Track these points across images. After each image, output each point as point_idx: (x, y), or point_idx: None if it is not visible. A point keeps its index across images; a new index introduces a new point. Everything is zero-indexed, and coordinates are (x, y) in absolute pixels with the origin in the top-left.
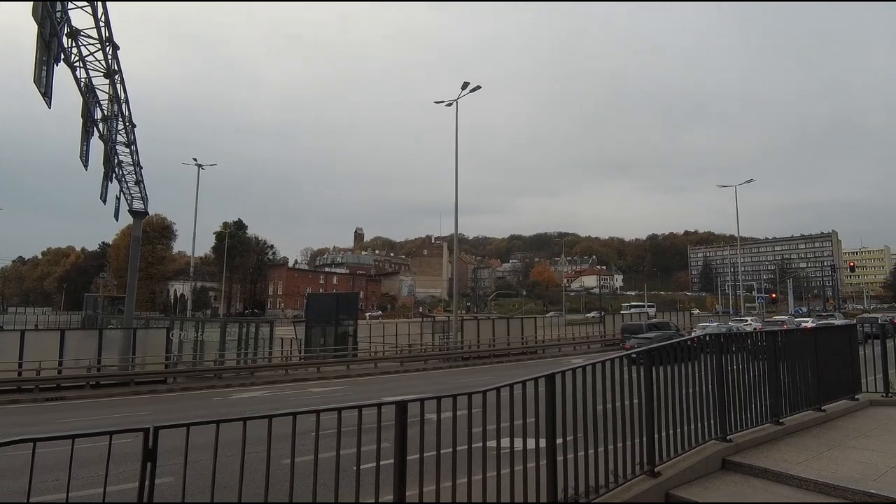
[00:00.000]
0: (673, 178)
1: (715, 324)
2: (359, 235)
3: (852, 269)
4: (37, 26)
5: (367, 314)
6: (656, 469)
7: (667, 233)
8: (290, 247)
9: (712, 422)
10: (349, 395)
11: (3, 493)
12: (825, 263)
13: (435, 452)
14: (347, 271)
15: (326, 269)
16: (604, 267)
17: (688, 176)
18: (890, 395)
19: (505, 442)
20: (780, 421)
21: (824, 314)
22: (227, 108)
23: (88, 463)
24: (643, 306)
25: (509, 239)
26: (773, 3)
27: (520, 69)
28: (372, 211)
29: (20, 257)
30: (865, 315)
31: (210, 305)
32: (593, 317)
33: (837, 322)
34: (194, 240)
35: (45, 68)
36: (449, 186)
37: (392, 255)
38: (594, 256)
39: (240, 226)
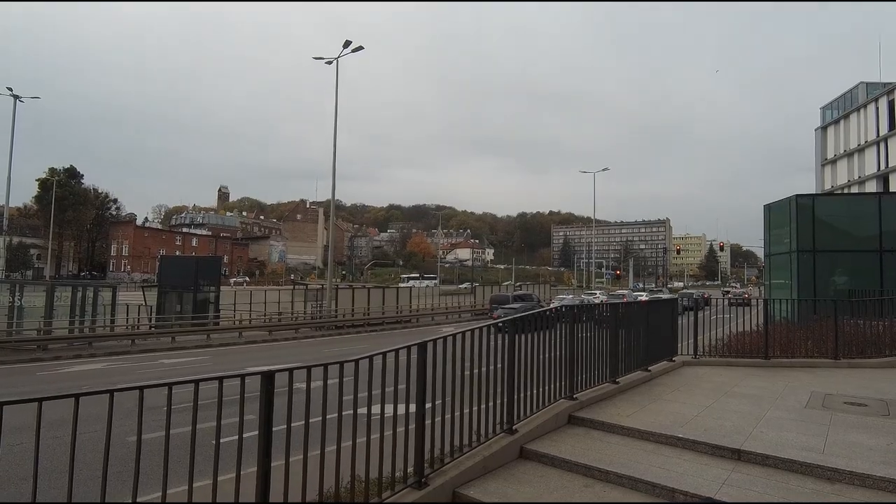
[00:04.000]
0: (542, 161)
1: (570, 296)
2: (223, 195)
3: (678, 251)
4: None
5: (232, 280)
6: (514, 427)
7: (534, 212)
8: (140, 203)
9: (563, 383)
10: (209, 367)
11: None
12: (659, 246)
13: (303, 423)
14: (210, 233)
15: (185, 230)
16: (477, 241)
17: (555, 160)
18: (697, 356)
19: (377, 409)
20: (617, 380)
21: (655, 290)
22: (72, 40)
23: None
24: (420, 278)
25: (388, 208)
26: (626, 18)
27: (400, 45)
28: (240, 171)
29: None
30: (685, 291)
31: (32, 266)
32: (465, 287)
33: (664, 297)
34: (9, 186)
35: None
36: (326, 151)
37: (262, 218)
38: (469, 230)
39: (72, 174)
